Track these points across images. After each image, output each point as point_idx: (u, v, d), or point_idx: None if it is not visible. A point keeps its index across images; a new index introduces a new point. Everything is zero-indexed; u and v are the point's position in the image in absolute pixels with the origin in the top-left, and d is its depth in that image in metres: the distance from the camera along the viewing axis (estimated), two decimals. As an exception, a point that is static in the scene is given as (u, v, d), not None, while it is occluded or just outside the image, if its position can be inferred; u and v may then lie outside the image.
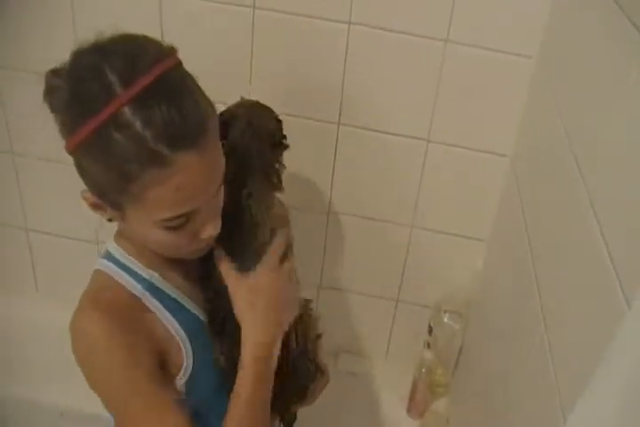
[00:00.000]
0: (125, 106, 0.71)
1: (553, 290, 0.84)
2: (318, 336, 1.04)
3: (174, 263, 0.92)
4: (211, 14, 1.28)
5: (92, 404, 0.88)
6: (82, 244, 1.63)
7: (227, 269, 0.90)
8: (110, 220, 0.84)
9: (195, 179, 0.76)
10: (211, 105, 0.79)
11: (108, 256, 0.91)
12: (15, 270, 1.74)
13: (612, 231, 0.65)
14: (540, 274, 0.92)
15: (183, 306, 0.92)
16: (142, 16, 1.31)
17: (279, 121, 1.03)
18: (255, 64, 1.32)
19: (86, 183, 0.79)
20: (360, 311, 1.59)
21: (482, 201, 1.37)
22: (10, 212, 1.63)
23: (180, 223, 0.79)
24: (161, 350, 0.88)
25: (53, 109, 0.77)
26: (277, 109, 1.35)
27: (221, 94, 1.33)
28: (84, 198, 0.81)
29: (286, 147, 1.03)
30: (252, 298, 0.89)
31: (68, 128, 0.75)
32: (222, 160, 0.81)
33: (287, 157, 1.40)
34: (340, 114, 1.33)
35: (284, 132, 1.03)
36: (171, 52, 0.78)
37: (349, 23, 1.23)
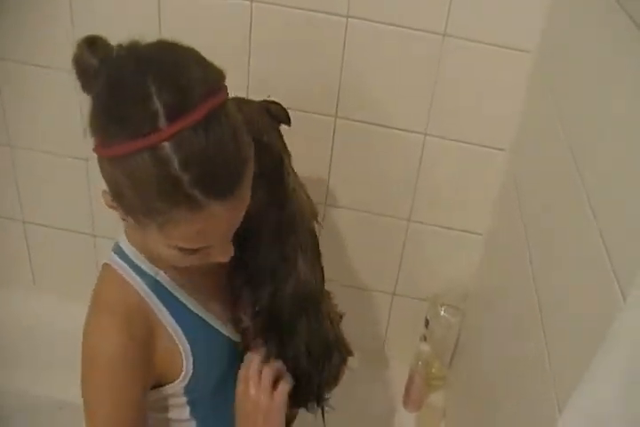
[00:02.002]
0: (166, 141, 0.66)
1: (549, 284, 0.85)
2: (341, 317, 1.08)
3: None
4: (209, 7, 1.28)
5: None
6: (79, 236, 1.63)
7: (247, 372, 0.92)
8: (124, 219, 0.81)
9: (219, 225, 0.74)
10: (250, 144, 0.74)
11: (119, 252, 0.89)
12: (12, 263, 1.74)
13: (608, 226, 0.66)
14: (537, 268, 0.92)
15: (186, 307, 0.92)
16: (140, 9, 1.31)
17: (277, 104, 1.01)
18: (253, 57, 1.32)
19: (107, 187, 0.75)
20: (356, 305, 1.60)
21: (479, 195, 1.37)
22: (7, 204, 1.63)
23: (192, 250, 0.77)
24: (161, 360, 0.88)
25: (90, 92, 0.71)
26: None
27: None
28: (104, 198, 0.77)
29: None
30: (255, 415, 0.91)
31: (100, 134, 0.70)
32: (248, 199, 0.76)
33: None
34: (337, 107, 1.33)
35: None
36: (221, 80, 0.74)
37: (347, 16, 1.23)
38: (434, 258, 1.49)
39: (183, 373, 0.90)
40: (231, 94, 1.03)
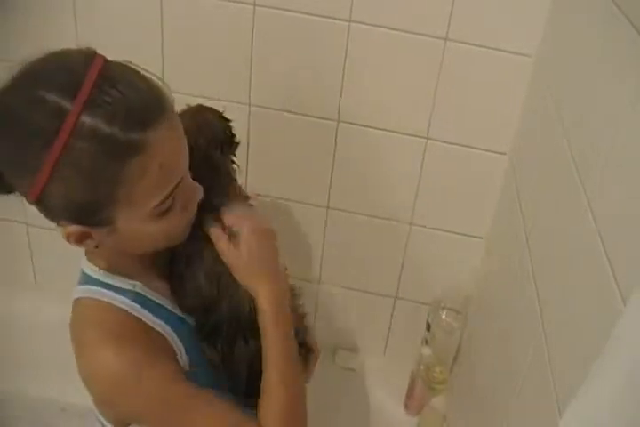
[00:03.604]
0: (82, 115, 0.69)
1: (551, 287, 0.85)
2: (303, 316, 1.07)
3: (150, 268, 0.92)
4: (211, 11, 1.28)
5: (93, 398, 0.88)
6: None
7: (220, 243, 0.91)
8: (97, 246, 0.82)
9: (172, 150, 0.76)
10: (157, 80, 0.78)
11: (87, 279, 0.89)
12: (14, 264, 1.74)
13: (608, 229, 0.66)
14: (538, 271, 0.92)
15: (169, 310, 0.92)
16: (143, 13, 1.31)
17: (227, 120, 1.03)
18: (255, 61, 1.32)
19: (66, 215, 0.77)
20: (358, 308, 1.60)
21: (481, 199, 1.37)
22: (10, 206, 1.63)
23: (169, 204, 0.79)
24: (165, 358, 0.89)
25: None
26: (277, 106, 1.36)
27: (222, 91, 1.35)
28: (69, 235, 0.79)
29: (237, 144, 1.03)
30: (251, 262, 0.91)
31: (29, 169, 0.72)
32: (180, 124, 0.80)
33: (287, 153, 1.41)
34: (339, 111, 1.34)
35: (234, 132, 1.03)
36: (92, 51, 0.76)
37: (350, 21, 1.23)
38: (435, 261, 1.49)
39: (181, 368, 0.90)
40: (235, 98, 1.04)
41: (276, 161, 1.44)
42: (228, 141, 1.01)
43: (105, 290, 0.87)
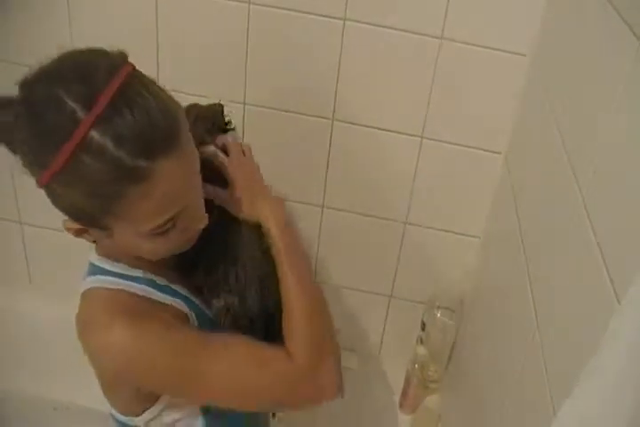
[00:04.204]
0: (92, 129, 0.69)
1: (545, 287, 0.85)
2: None
3: (159, 262, 0.91)
4: (206, 10, 1.28)
5: (85, 397, 0.88)
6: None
7: (218, 158, 0.94)
8: (95, 241, 0.83)
9: (177, 180, 0.75)
10: (174, 101, 0.77)
11: (96, 270, 0.89)
12: (9, 263, 1.74)
13: (603, 229, 0.66)
14: (533, 270, 0.92)
15: (175, 290, 0.92)
16: (138, 12, 1.31)
17: (220, 105, 1.02)
18: (250, 60, 1.32)
19: (66, 212, 0.78)
20: (353, 307, 1.60)
21: (476, 198, 1.37)
22: (4, 205, 1.63)
23: (169, 227, 0.78)
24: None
25: (14, 148, 0.75)
26: (272, 105, 1.36)
27: (217, 90, 1.34)
28: (67, 228, 0.80)
29: (232, 129, 1.03)
30: (249, 191, 0.94)
31: (38, 163, 0.73)
32: (196, 151, 0.79)
33: (281, 152, 1.41)
34: (334, 110, 1.34)
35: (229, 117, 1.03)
36: (123, 59, 0.76)
37: (344, 19, 1.23)
38: (430, 261, 1.49)
39: None
40: (229, 97, 1.04)
41: (271, 160, 1.43)
42: (220, 126, 1.01)
43: (115, 278, 0.87)
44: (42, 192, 0.71)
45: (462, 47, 1.21)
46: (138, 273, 0.89)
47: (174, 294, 0.92)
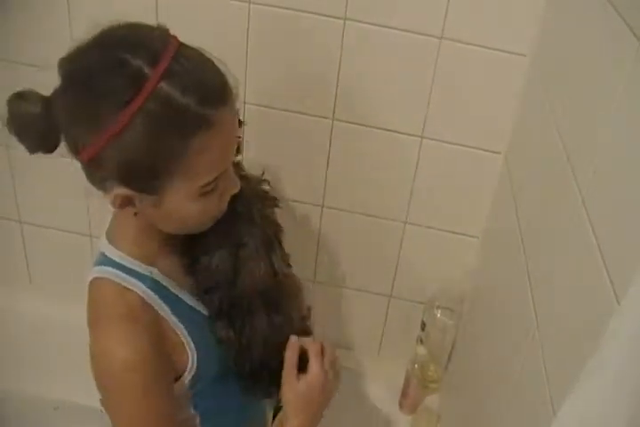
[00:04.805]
0: (160, 82, 0.72)
1: (545, 287, 0.85)
2: (309, 309, 1.10)
3: (171, 253, 0.93)
4: (206, 10, 1.28)
5: (86, 397, 0.88)
6: (75, 236, 1.63)
7: (288, 369, 0.94)
8: (136, 213, 0.84)
9: (231, 134, 0.80)
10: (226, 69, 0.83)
11: (104, 260, 0.89)
12: (9, 263, 1.74)
13: (603, 229, 0.66)
14: (533, 270, 0.92)
15: (181, 299, 0.93)
16: (137, 12, 1.30)
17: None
18: (250, 59, 1.32)
19: (117, 178, 0.78)
20: (353, 307, 1.60)
21: (475, 198, 1.37)
22: (4, 204, 1.63)
23: (212, 187, 0.81)
24: (171, 355, 0.89)
25: (55, 117, 0.77)
26: (272, 105, 1.36)
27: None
28: (115, 197, 0.80)
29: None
30: (308, 398, 0.94)
31: (92, 130, 0.74)
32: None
33: (281, 151, 1.41)
34: (334, 109, 1.34)
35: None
36: (167, 29, 0.81)
37: (345, 19, 1.23)
38: (430, 260, 1.49)
39: (189, 366, 0.91)
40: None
41: (271, 159, 1.43)
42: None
43: (120, 272, 0.88)
44: (42, 192, 0.71)
45: (462, 47, 1.21)
46: (146, 271, 0.89)
47: (178, 307, 0.91)
